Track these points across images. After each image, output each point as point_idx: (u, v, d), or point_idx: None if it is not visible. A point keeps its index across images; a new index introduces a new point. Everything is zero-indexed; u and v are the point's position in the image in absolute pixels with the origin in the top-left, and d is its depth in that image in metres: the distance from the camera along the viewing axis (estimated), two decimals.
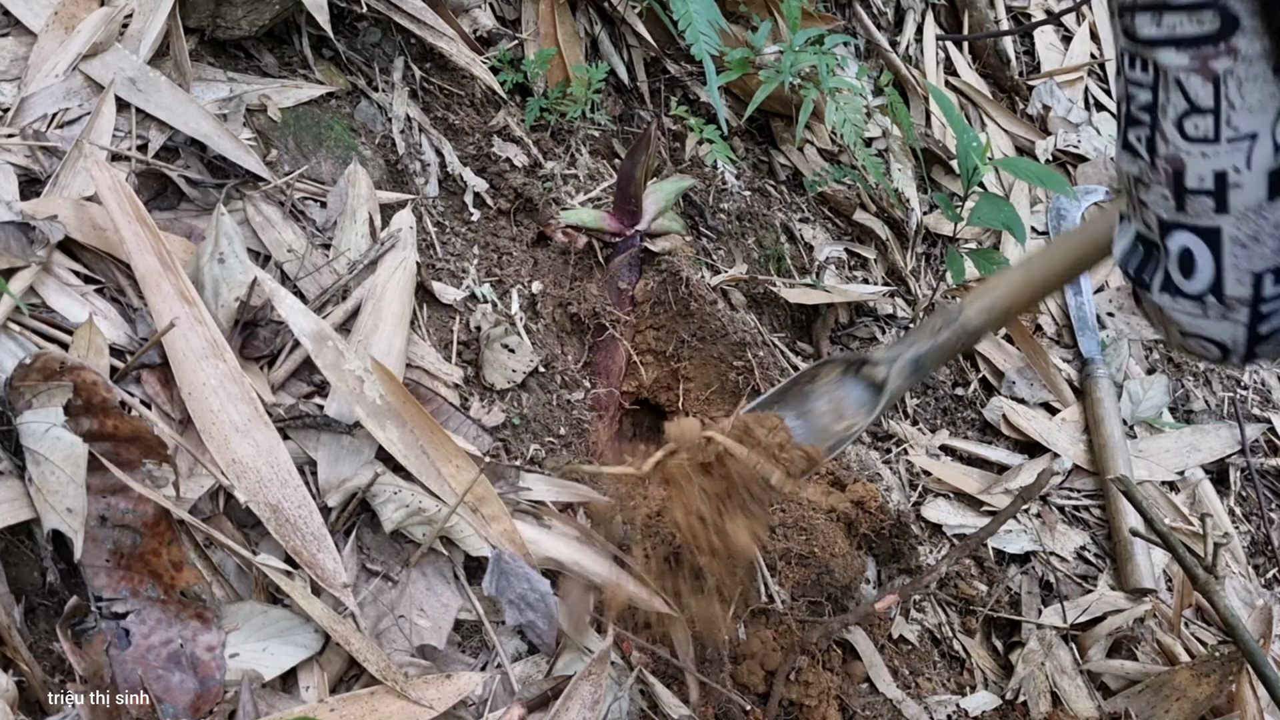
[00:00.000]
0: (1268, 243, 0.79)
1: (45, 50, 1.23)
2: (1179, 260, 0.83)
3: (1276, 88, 0.76)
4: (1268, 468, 2.21)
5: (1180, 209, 0.81)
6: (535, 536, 1.22)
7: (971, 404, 2.04)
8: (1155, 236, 0.84)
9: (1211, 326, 0.84)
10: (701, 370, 1.71)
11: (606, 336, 1.62)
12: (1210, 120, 0.78)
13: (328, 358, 1.15)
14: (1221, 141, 0.78)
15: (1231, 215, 0.79)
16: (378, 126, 1.49)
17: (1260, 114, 0.76)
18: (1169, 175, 0.81)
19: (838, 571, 1.48)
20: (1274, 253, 0.80)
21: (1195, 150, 0.79)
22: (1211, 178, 0.79)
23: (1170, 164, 0.80)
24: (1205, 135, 0.78)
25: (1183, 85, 0.78)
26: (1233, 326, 0.84)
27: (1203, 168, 0.79)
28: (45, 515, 0.93)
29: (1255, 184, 0.78)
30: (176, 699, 0.94)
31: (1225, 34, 0.74)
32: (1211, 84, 0.77)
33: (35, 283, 1.07)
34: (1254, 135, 0.77)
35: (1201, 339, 0.86)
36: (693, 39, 1.68)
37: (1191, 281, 0.83)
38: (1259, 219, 0.79)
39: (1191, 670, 1.58)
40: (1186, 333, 0.86)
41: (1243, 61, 0.75)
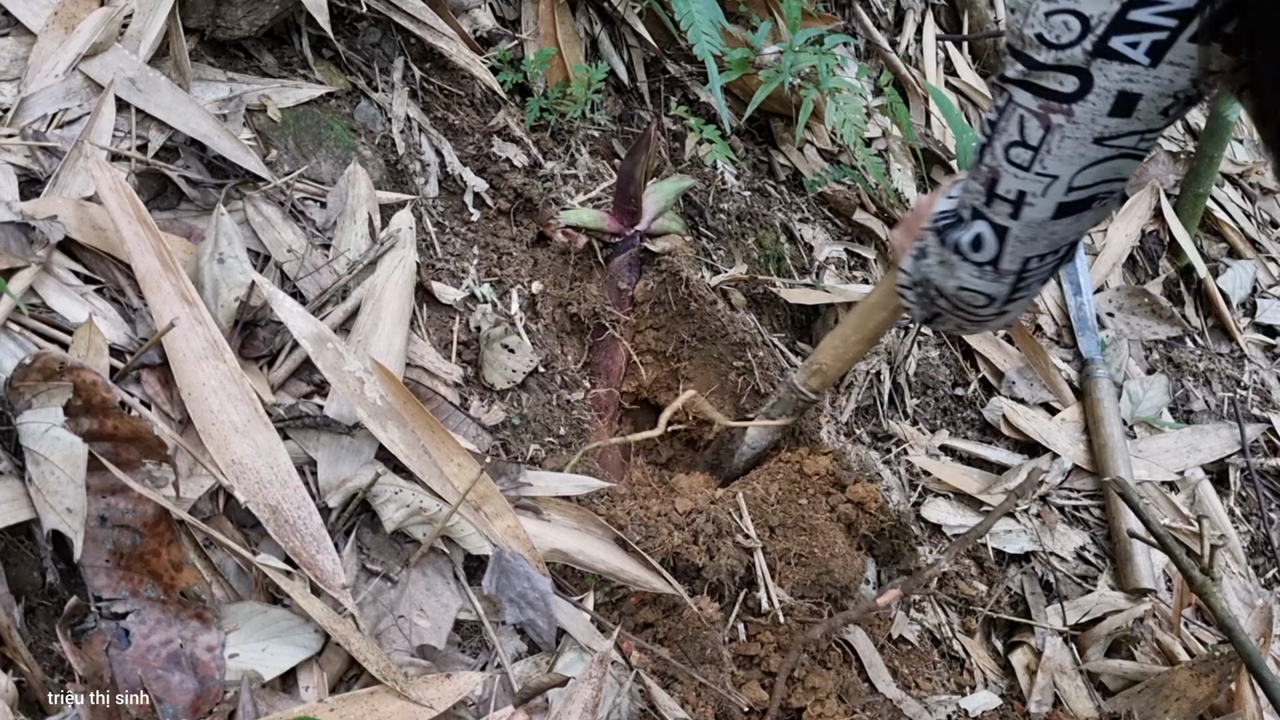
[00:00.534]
0: (1042, 241, 1.03)
1: (45, 50, 1.23)
2: (973, 238, 1.06)
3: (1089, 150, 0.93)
4: (1267, 468, 2.21)
5: (988, 205, 1.02)
6: (538, 530, 1.22)
7: (971, 404, 2.04)
8: (965, 214, 1.07)
9: (984, 285, 1.09)
10: (701, 370, 1.71)
11: (606, 337, 1.62)
12: (1029, 155, 0.96)
13: (328, 359, 1.15)
14: (1031, 172, 0.97)
15: (1020, 222, 1.01)
16: (377, 126, 1.49)
17: (1066, 164, 0.95)
18: (987, 179, 1.01)
19: (837, 572, 1.48)
20: (1044, 246, 1.03)
21: (1010, 170, 0.98)
22: (1015, 193, 0.99)
23: (990, 171, 1.00)
24: (1021, 163, 0.97)
25: (1022, 121, 0.96)
26: (1000, 286, 1.09)
27: (1012, 184, 0.99)
28: (45, 515, 0.93)
29: (1045, 208, 0.99)
30: (176, 699, 0.94)
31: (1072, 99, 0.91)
32: (1043, 130, 0.94)
33: (35, 283, 1.07)
34: (1055, 177, 0.96)
35: (975, 291, 1.10)
36: (695, 39, 1.68)
37: (978, 254, 1.06)
38: (1039, 228, 1.01)
39: (1191, 670, 1.58)
40: (963, 286, 1.10)
41: (1073, 123, 0.92)
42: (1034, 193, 0.98)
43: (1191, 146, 2.82)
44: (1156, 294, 2.40)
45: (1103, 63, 0.87)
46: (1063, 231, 1.02)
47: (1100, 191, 0.98)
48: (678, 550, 1.36)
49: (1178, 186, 2.64)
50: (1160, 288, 2.46)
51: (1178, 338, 2.40)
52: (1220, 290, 2.52)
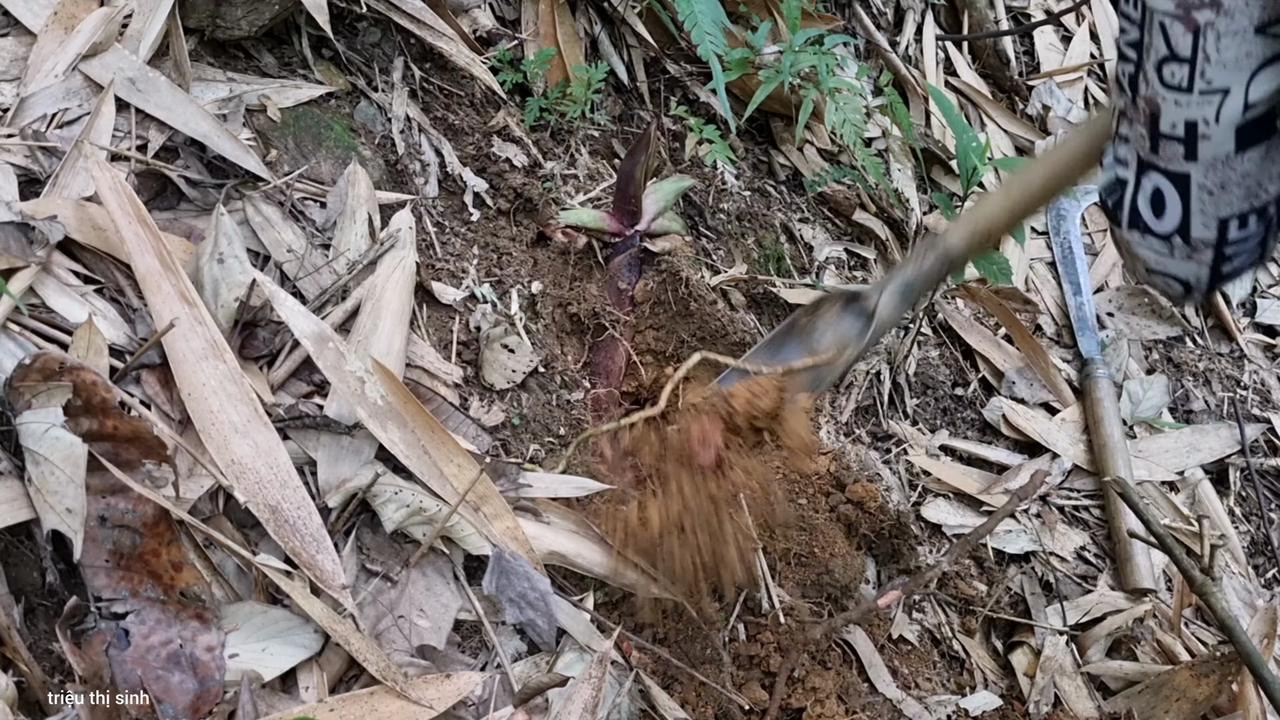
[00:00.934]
0: (1234, 191, 0.81)
1: (45, 50, 1.23)
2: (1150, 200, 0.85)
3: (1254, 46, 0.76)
4: (1267, 468, 2.21)
5: (1154, 151, 0.83)
6: (537, 532, 1.22)
7: (971, 404, 2.04)
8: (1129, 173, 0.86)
9: (1177, 265, 0.87)
10: (702, 370, 1.70)
11: (606, 337, 1.62)
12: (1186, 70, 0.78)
13: (328, 359, 1.15)
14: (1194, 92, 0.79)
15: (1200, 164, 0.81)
16: (377, 126, 1.49)
17: (1234, 70, 0.77)
18: (1147, 116, 0.82)
19: (837, 572, 1.48)
20: (1240, 200, 0.81)
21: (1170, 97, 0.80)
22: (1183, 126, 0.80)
23: (1149, 105, 0.82)
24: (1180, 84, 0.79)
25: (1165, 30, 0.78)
26: (1197, 267, 0.86)
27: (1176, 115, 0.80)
28: (45, 515, 0.93)
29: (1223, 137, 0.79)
30: (176, 699, 0.94)
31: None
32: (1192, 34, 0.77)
33: (35, 283, 1.07)
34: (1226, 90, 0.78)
35: (1167, 276, 0.88)
36: (698, 39, 1.68)
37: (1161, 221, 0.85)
38: (1226, 169, 0.81)
39: (1192, 671, 1.58)
40: (1152, 269, 0.89)
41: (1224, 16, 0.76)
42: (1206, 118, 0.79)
43: None
44: (1156, 294, 2.40)
45: None
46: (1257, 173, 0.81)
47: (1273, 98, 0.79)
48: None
49: None
50: None
51: (1178, 338, 2.40)
52: (1220, 290, 2.52)
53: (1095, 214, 2.56)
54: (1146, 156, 0.84)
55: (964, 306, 2.17)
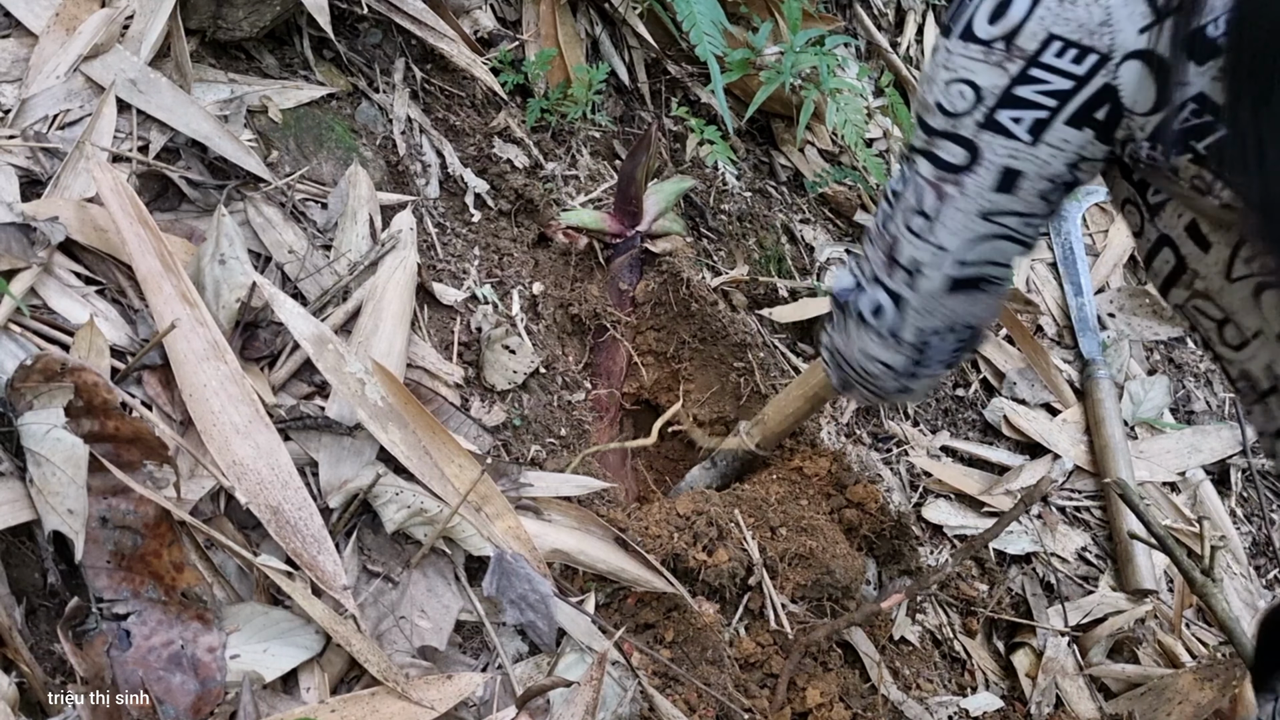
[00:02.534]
0: (938, 316, 1.04)
1: (46, 52, 1.23)
2: (873, 307, 1.08)
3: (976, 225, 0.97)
4: (1268, 468, 2.21)
5: (887, 273, 1.05)
6: (539, 530, 1.22)
7: (972, 405, 2.04)
8: (864, 281, 1.09)
9: (885, 354, 1.10)
10: (702, 371, 1.71)
11: (607, 337, 1.62)
12: (926, 224, 0.99)
13: (329, 361, 1.15)
14: (926, 242, 1.00)
15: (916, 293, 1.03)
16: (378, 127, 1.49)
17: (955, 236, 0.98)
18: (888, 246, 1.04)
19: (838, 573, 1.48)
20: (941, 322, 1.05)
21: (909, 239, 1.01)
22: (912, 261, 1.02)
23: (891, 239, 1.03)
24: (918, 231, 1.00)
25: (920, 191, 0.99)
26: (899, 357, 1.10)
27: (910, 252, 1.02)
28: (46, 516, 0.93)
29: (937, 280, 1.01)
30: (177, 700, 0.94)
31: (962, 169, 0.94)
32: (938, 200, 0.98)
33: (36, 284, 1.07)
34: (946, 249, 0.99)
35: (877, 360, 1.12)
36: (697, 40, 1.68)
37: (879, 321, 1.08)
38: (936, 302, 1.03)
39: (1195, 674, 1.58)
40: (866, 352, 1.12)
41: (963, 196, 0.96)
42: (928, 263, 1.01)
43: None
44: (1157, 294, 2.39)
45: (990, 136, 0.92)
46: (958, 310, 1.04)
47: (989, 273, 1.01)
48: (678, 552, 1.36)
49: None
50: None
51: (1179, 338, 2.40)
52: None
53: (1096, 215, 2.57)
54: (879, 274, 1.06)
55: None
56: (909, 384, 1.14)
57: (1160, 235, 0.93)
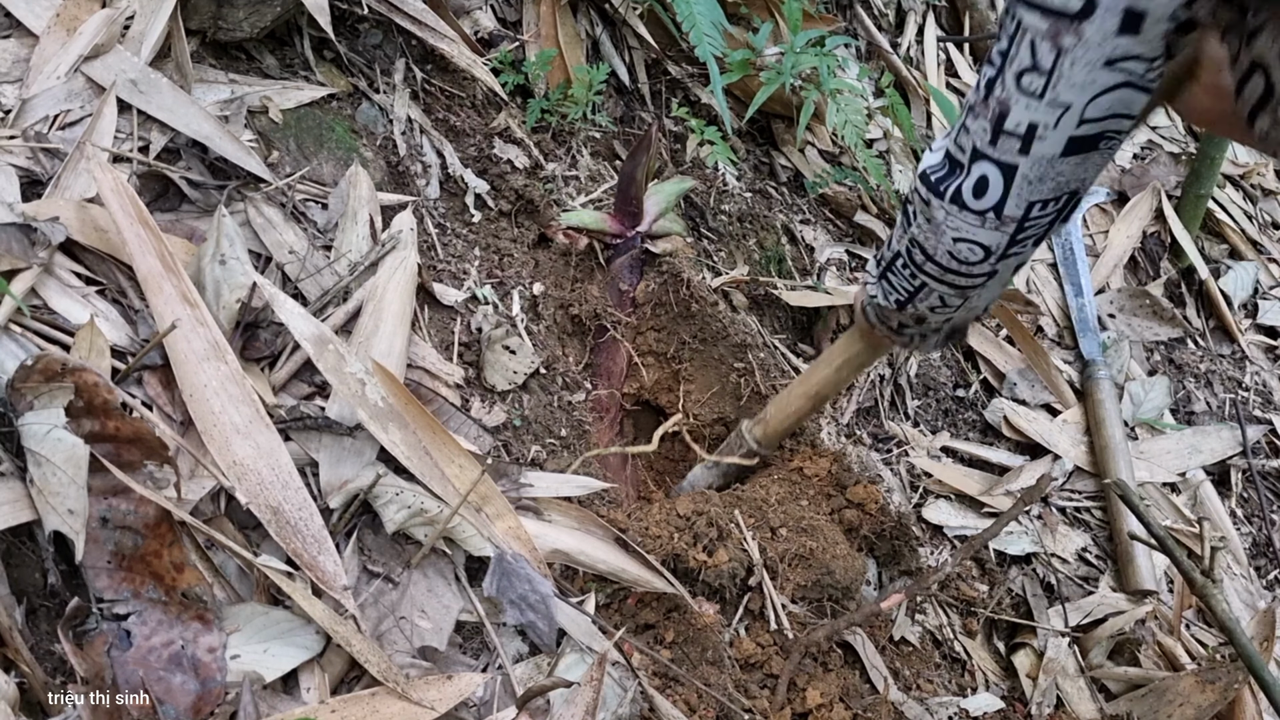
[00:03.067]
0: (1048, 183, 0.99)
1: (47, 52, 1.23)
2: (975, 182, 1.02)
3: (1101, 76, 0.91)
4: (1269, 469, 2.21)
5: (992, 144, 0.99)
6: (539, 531, 1.22)
7: (973, 405, 2.04)
8: (964, 159, 1.02)
9: (984, 234, 1.05)
10: (702, 372, 1.71)
11: (608, 338, 1.62)
12: (1042, 81, 0.93)
13: (329, 361, 1.15)
14: (1044, 101, 0.94)
15: (1030, 159, 0.98)
16: (379, 128, 1.49)
17: (1079, 91, 0.92)
18: (995, 114, 0.97)
19: (839, 573, 1.48)
20: (1049, 189, 1.00)
21: (1022, 100, 0.95)
22: (1026, 126, 0.96)
23: (1000, 105, 0.97)
24: (1034, 91, 0.94)
25: (1034, 46, 0.93)
26: (1000, 235, 1.05)
27: (1022, 116, 0.96)
28: (47, 517, 0.93)
29: (1055, 142, 0.96)
30: (178, 700, 0.94)
31: (1080, 17, 0.89)
32: (1054, 53, 0.91)
33: (37, 284, 1.07)
34: (1068, 106, 0.93)
35: (972, 243, 1.07)
36: (697, 40, 1.68)
37: (980, 201, 1.02)
38: (1048, 166, 0.98)
39: (1196, 677, 1.58)
40: (959, 237, 1.07)
41: (1083, 45, 0.90)
42: (1046, 124, 0.95)
43: (1193, 147, 2.82)
44: (1158, 295, 2.39)
45: None
46: (1069, 173, 0.99)
47: (1110, 128, 0.96)
48: (678, 552, 1.36)
49: (1179, 188, 2.64)
50: (1162, 289, 2.46)
51: (1179, 339, 2.40)
52: (1221, 291, 2.52)
53: (1097, 215, 2.57)
54: (983, 147, 1.00)
55: None
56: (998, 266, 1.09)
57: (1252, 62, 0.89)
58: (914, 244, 1.13)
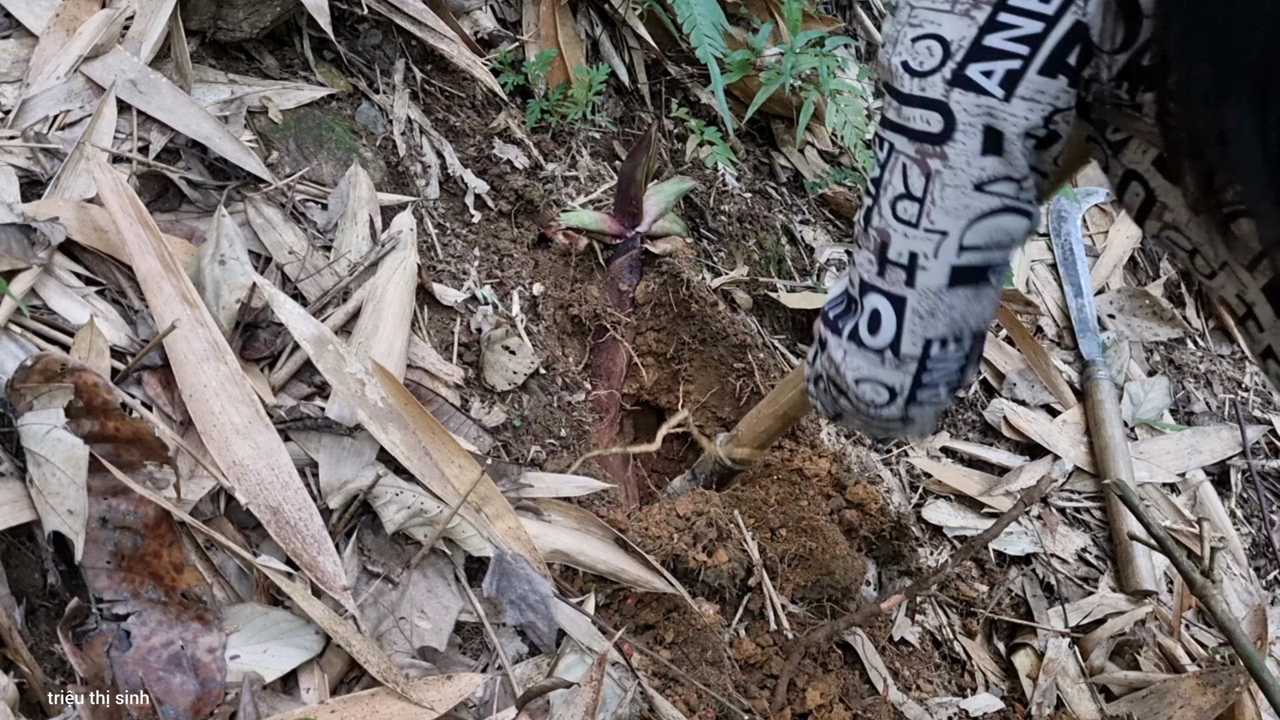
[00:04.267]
0: (941, 318, 0.94)
1: (46, 52, 1.23)
2: (869, 318, 0.98)
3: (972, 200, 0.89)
4: (1269, 469, 2.21)
5: (880, 275, 0.95)
6: (539, 531, 1.22)
7: (972, 406, 2.04)
8: (855, 293, 0.99)
9: (885, 374, 0.99)
10: (702, 372, 1.71)
11: (607, 338, 1.62)
12: (916, 208, 0.91)
13: (329, 361, 1.15)
14: (920, 229, 0.91)
15: (916, 291, 0.94)
16: (379, 128, 1.49)
17: (953, 217, 0.90)
18: (877, 245, 0.95)
19: (838, 573, 1.48)
20: (945, 327, 0.95)
21: (900, 229, 0.92)
22: (907, 256, 0.93)
23: (880, 235, 0.94)
24: (909, 219, 0.92)
25: (905, 171, 0.91)
26: (903, 375, 0.99)
27: (902, 245, 0.93)
28: (46, 517, 0.93)
29: (939, 272, 0.92)
30: (177, 700, 0.94)
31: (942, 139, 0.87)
32: (924, 178, 0.89)
33: (36, 284, 1.07)
34: (945, 233, 0.90)
35: (875, 382, 1.01)
36: (697, 41, 1.68)
37: (875, 337, 0.98)
38: (937, 299, 0.93)
39: (1197, 680, 1.58)
40: (860, 377, 1.01)
41: (950, 169, 0.88)
42: (926, 253, 0.92)
43: None
44: (1157, 295, 2.40)
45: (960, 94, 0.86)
46: (961, 308, 0.94)
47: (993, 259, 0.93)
48: (678, 553, 1.36)
49: None
50: (1161, 289, 2.46)
51: (1179, 339, 2.40)
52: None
53: (1096, 216, 2.57)
54: (870, 279, 0.96)
55: None
56: (911, 411, 1.02)
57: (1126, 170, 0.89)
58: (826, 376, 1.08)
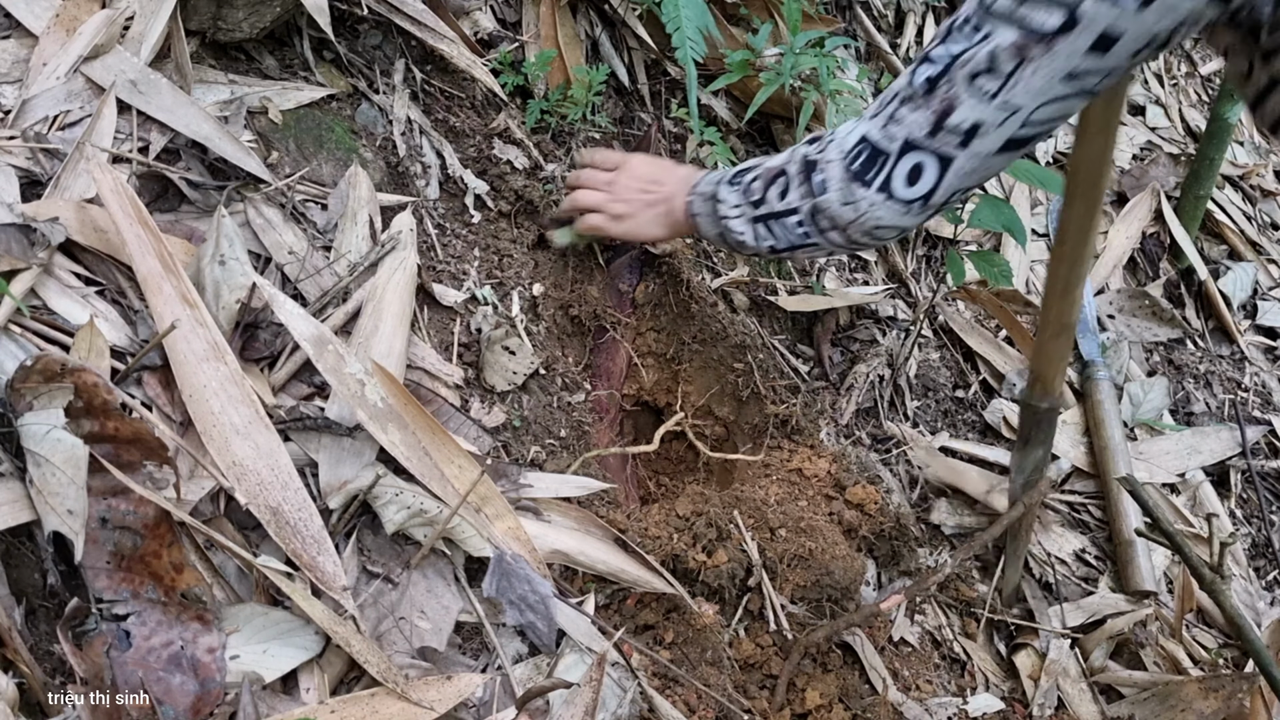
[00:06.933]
0: (976, 175, 1.02)
1: (46, 52, 1.23)
2: (909, 171, 1.03)
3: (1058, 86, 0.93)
4: (1268, 470, 2.21)
5: (931, 136, 1.00)
6: (539, 531, 1.22)
7: (972, 406, 2.04)
8: (892, 148, 1.03)
9: (908, 219, 1.07)
10: (702, 372, 1.71)
11: (607, 338, 1.62)
12: (997, 84, 0.94)
13: (328, 362, 1.15)
14: (995, 102, 0.95)
15: (968, 152, 1.00)
16: (378, 129, 1.49)
17: (1033, 97, 0.94)
18: (939, 110, 0.98)
19: (838, 573, 1.48)
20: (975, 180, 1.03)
21: (972, 100, 0.96)
22: (970, 124, 0.98)
23: (945, 102, 0.98)
24: (987, 92, 0.95)
25: (994, 52, 0.93)
26: (921, 219, 1.08)
27: (969, 114, 0.97)
28: (46, 517, 0.93)
29: (996, 139, 0.98)
30: (177, 701, 0.94)
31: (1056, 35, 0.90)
32: (1016, 61, 0.92)
33: (36, 284, 1.07)
34: (1018, 109, 0.95)
35: (894, 228, 1.08)
36: (679, 43, 1.67)
37: (912, 189, 1.04)
38: (981, 160, 1.00)
39: (1200, 683, 1.58)
40: (880, 224, 1.08)
41: (1050, 56, 0.91)
42: (991, 123, 0.97)
43: (1192, 149, 2.82)
44: (1157, 296, 2.40)
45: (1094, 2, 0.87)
46: (996, 166, 1.02)
47: (1045, 130, 0.98)
48: (678, 553, 1.36)
49: (1178, 189, 2.64)
50: (1161, 290, 2.46)
51: (1178, 340, 2.40)
52: (1221, 292, 2.52)
53: None
54: (918, 139, 1.01)
55: (965, 309, 2.17)
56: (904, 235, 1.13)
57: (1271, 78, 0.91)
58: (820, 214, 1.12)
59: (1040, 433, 1.62)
